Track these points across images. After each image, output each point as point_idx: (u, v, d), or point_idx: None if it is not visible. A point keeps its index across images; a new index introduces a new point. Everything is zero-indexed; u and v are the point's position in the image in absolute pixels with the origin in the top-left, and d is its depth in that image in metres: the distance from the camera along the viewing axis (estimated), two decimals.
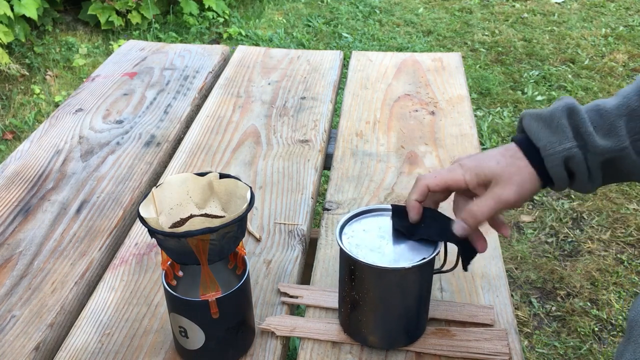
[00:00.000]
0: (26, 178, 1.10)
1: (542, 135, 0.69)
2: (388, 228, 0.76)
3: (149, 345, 0.78)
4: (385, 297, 0.72)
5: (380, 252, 0.72)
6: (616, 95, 0.71)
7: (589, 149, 0.68)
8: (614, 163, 0.69)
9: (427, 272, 0.74)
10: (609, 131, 0.68)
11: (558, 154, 0.68)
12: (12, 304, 0.84)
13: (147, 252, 0.94)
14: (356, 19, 3.97)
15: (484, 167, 0.70)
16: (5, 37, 3.06)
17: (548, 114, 0.70)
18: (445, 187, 0.72)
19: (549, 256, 2.06)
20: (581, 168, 0.69)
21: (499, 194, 0.69)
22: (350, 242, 0.73)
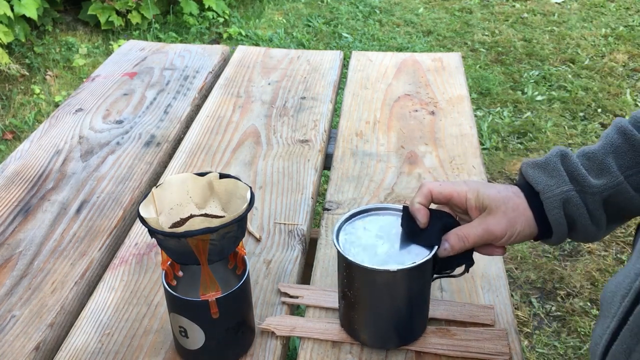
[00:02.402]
0: (26, 178, 1.10)
1: (539, 179, 0.70)
2: (390, 228, 0.75)
3: (149, 345, 0.78)
4: (373, 297, 0.72)
5: (373, 252, 0.72)
6: (599, 139, 0.73)
7: (587, 190, 0.69)
8: (615, 201, 0.70)
9: (419, 276, 0.73)
10: (600, 170, 0.69)
11: (556, 196, 0.69)
12: (12, 304, 0.84)
13: (147, 252, 0.94)
14: (356, 19, 3.97)
15: (486, 192, 0.71)
16: (5, 37, 3.06)
17: (543, 161, 0.71)
18: (448, 197, 0.73)
19: (549, 256, 2.06)
20: (581, 211, 0.69)
21: (488, 224, 0.70)
22: (347, 240, 0.73)
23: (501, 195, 0.70)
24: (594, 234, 0.72)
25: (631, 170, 0.69)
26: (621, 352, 0.51)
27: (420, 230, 0.73)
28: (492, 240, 0.71)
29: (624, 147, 0.69)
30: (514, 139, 2.68)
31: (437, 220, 0.73)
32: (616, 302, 0.54)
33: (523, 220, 0.70)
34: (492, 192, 0.71)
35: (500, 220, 0.69)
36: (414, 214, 0.73)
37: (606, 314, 0.56)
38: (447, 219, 0.74)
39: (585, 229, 0.70)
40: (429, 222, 0.73)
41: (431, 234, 0.72)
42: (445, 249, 0.71)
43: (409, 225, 0.74)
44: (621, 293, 0.53)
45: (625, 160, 0.69)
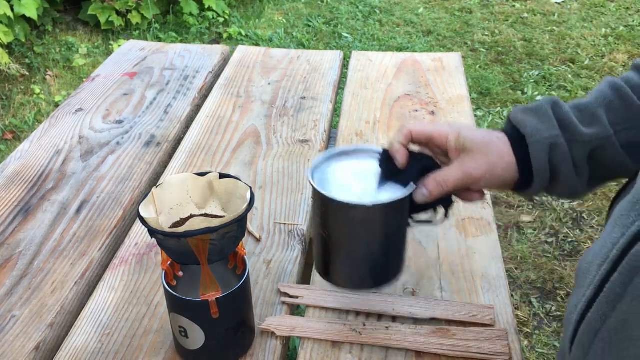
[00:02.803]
0: (26, 178, 1.10)
1: (529, 122, 0.69)
2: (367, 169, 0.73)
3: (149, 345, 0.78)
4: (349, 234, 0.70)
5: (349, 189, 0.70)
6: (590, 93, 0.72)
7: (575, 138, 0.68)
8: (600, 155, 0.69)
9: (396, 213, 0.70)
10: (591, 121, 0.68)
11: (544, 140, 0.67)
12: (12, 304, 0.84)
13: (147, 252, 0.94)
14: (356, 19, 3.97)
15: (468, 134, 0.69)
16: (5, 37, 3.06)
17: (534, 106, 0.70)
18: (429, 137, 0.71)
19: (549, 256, 2.06)
20: (566, 160, 0.68)
21: (467, 167, 0.68)
22: (323, 178, 0.71)
23: (483, 139, 0.69)
24: (574, 188, 0.71)
25: (621, 126, 0.68)
26: (597, 319, 0.51)
27: (398, 171, 0.71)
28: (471, 184, 0.69)
29: (616, 102, 0.68)
30: None
31: (416, 162, 0.71)
32: (592, 272, 0.54)
33: (504, 166, 0.69)
34: (474, 134, 0.69)
35: (480, 163, 0.68)
36: (393, 155, 0.71)
37: (582, 283, 0.56)
38: (426, 161, 0.72)
39: (567, 181, 0.69)
40: (408, 163, 0.71)
41: (409, 175, 0.71)
42: (423, 195, 0.69)
43: (387, 165, 0.72)
44: (597, 262, 0.53)
45: (616, 115, 0.68)
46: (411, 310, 0.82)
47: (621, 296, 0.49)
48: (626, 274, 0.49)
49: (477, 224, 0.99)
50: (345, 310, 0.83)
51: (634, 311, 0.48)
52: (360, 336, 0.78)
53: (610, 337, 0.50)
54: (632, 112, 0.68)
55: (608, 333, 0.50)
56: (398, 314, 0.82)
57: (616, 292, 0.50)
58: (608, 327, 0.51)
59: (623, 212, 0.53)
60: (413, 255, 0.92)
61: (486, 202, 1.04)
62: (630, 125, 0.68)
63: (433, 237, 0.96)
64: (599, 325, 0.51)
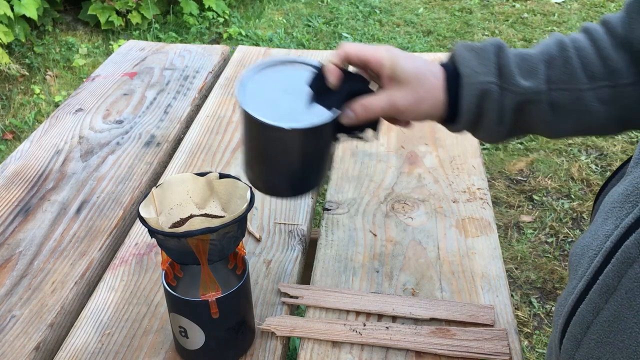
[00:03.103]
0: (26, 178, 1.10)
1: (470, 63, 0.68)
2: (299, 84, 0.70)
3: (149, 345, 0.78)
4: (266, 151, 0.69)
5: (275, 105, 0.68)
6: (536, 46, 0.71)
7: (509, 88, 0.68)
8: (527, 110, 0.69)
9: (316, 137, 0.69)
10: (529, 73, 0.68)
11: (478, 84, 0.67)
12: (12, 304, 0.84)
13: (147, 252, 0.94)
14: (356, 19, 3.97)
15: (402, 63, 0.68)
16: (5, 37, 3.06)
17: (480, 46, 0.69)
18: (365, 61, 0.69)
19: (549, 256, 2.06)
20: (493, 107, 0.68)
21: (395, 98, 0.68)
22: (252, 90, 0.69)
23: (417, 72, 0.68)
24: (494, 135, 0.71)
25: (555, 85, 0.69)
26: (589, 311, 0.51)
27: (328, 91, 0.69)
28: (396, 114, 0.69)
29: (558, 61, 0.69)
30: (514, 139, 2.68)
31: (349, 84, 0.69)
32: (584, 264, 0.54)
33: (432, 102, 0.68)
34: (409, 65, 0.68)
35: (408, 96, 0.68)
36: (326, 74, 0.69)
37: (573, 275, 0.56)
38: (359, 84, 0.70)
39: (489, 127, 0.70)
40: (340, 84, 0.69)
41: (339, 96, 0.69)
42: (349, 117, 0.69)
43: (318, 84, 0.69)
44: (589, 254, 0.53)
45: (554, 73, 0.68)
46: (411, 310, 0.82)
47: (614, 288, 0.49)
48: (620, 265, 0.49)
49: (477, 224, 0.99)
50: (345, 310, 0.83)
51: (628, 304, 0.48)
52: (360, 336, 0.78)
53: (603, 330, 0.50)
54: (569, 74, 0.68)
55: (601, 325, 0.50)
56: (398, 314, 0.82)
57: (609, 284, 0.50)
58: (601, 319, 0.51)
59: (615, 204, 0.53)
60: (413, 255, 0.92)
61: (486, 202, 1.04)
62: (564, 87, 0.69)
63: (433, 237, 0.96)
64: (592, 318, 0.51)
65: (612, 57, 0.68)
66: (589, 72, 0.69)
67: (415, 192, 1.06)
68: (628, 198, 0.52)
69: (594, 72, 0.69)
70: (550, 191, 2.36)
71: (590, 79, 0.69)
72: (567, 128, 0.72)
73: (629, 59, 0.68)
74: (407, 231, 0.97)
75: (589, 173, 2.44)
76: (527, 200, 2.31)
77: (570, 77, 0.69)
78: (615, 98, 0.69)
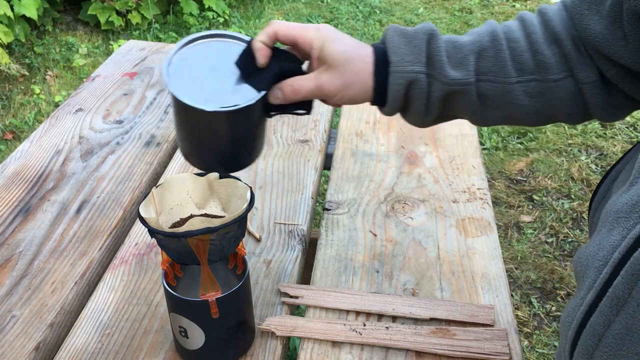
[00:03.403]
0: (26, 178, 1.10)
1: (399, 50, 0.68)
2: (229, 60, 0.69)
3: (149, 345, 0.78)
4: (192, 131, 0.68)
5: (200, 84, 0.66)
6: (470, 34, 0.71)
7: (438, 78, 0.68)
8: (455, 99, 0.69)
9: (243, 118, 0.67)
10: (459, 63, 0.68)
11: (406, 73, 0.67)
12: (12, 304, 0.84)
13: (147, 252, 0.94)
14: (356, 19, 3.97)
15: (332, 46, 0.67)
16: (5, 37, 3.06)
17: (412, 33, 0.69)
18: (294, 41, 0.68)
19: (549, 256, 2.06)
20: (421, 96, 0.68)
21: (322, 81, 0.67)
22: (179, 66, 0.67)
23: (345, 56, 0.67)
24: (422, 120, 0.72)
25: (484, 76, 0.69)
26: (600, 323, 0.51)
27: (257, 70, 0.68)
28: (324, 97, 0.69)
29: (489, 52, 0.68)
30: (514, 139, 2.68)
31: (278, 62, 0.68)
32: (590, 275, 0.53)
33: (359, 87, 0.68)
34: (338, 48, 0.67)
35: (335, 80, 0.67)
36: (254, 52, 0.68)
37: (580, 286, 0.56)
38: (288, 63, 0.69)
39: (417, 113, 0.70)
40: (269, 63, 0.68)
41: (267, 76, 0.67)
42: (277, 97, 0.68)
43: (246, 62, 0.68)
44: (595, 265, 0.53)
45: (484, 65, 0.68)
46: (411, 310, 0.82)
47: (625, 301, 0.49)
48: (629, 277, 0.48)
49: (477, 224, 0.99)
50: (345, 310, 0.83)
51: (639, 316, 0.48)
52: (360, 336, 0.78)
53: (615, 342, 0.50)
54: (499, 66, 0.68)
55: (613, 338, 0.50)
56: (398, 314, 0.82)
57: (619, 297, 0.49)
58: (612, 332, 0.50)
59: (620, 214, 0.52)
60: (413, 255, 0.92)
61: (486, 202, 1.04)
62: (493, 78, 0.69)
63: (433, 237, 0.96)
64: (603, 330, 0.51)
65: (544, 52, 0.68)
66: (518, 65, 0.69)
67: (415, 192, 1.06)
68: (634, 208, 0.51)
69: (523, 65, 0.69)
70: (550, 191, 2.36)
71: (519, 72, 0.69)
72: (493, 117, 0.72)
73: (560, 55, 0.68)
74: (407, 231, 0.97)
75: (589, 173, 2.44)
76: (527, 200, 2.31)
77: (500, 69, 0.69)
78: (543, 92, 0.70)
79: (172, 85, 0.65)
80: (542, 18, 0.70)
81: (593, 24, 0.64)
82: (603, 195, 0.67)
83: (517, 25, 0.71)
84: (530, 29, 0.69)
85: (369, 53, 0.68)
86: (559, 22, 0.69)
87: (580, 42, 0.67)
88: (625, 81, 0.67)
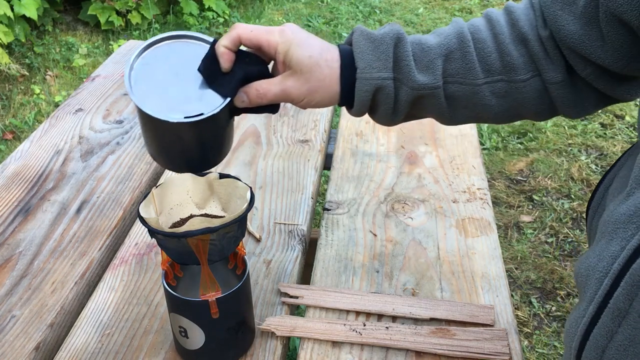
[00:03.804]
0: (26, 178, 1.10)
1: (366, 56, 0.67)
2: (192, 64, 0.67)
3: (149, 345, 0.78)
4: (158, 137, 0.68)
5: (164, 91, 0.65)
6: (437, 34, 0.70)
7: (405, 83, 0.68)
8: (422, 102, 0.70)
9: (209, 125, 0.67)
10: (427, 67, 0.68)
11: (373, 80, 0.67)
12: (12, 304, 0.84)
13: (147, 252, 0.94)
14: (356, 19, 3.97)
15: (296, 52, 0.66)
16: (5, 37, 3.06)
17: (379, 37, 0.68)
18: (258, 45, 0.67)
19: (549, 256, 2.06)
20: (388, 100, 0.68)
21: (288, 87, 0.67)
22: (142, 71, 0.66)
23: (311, 61, 0.66)
24: (388, 121, 0.72)
25: (452, 78, 0.69)
26: (603, 335, 0.51)
27: (221, 74, 0.67)
28: (290, 101, 0.69)
29: (456, 54, 0.68)
30: (514, 139, 2.68)
31: (243, 66, 0.67)
32: (592, 286, 0.53)
33: (325, 92, 0.68)
34: (303, 53, 0.66)
35: (301, 86, 0.67)
36: (218, 57, 0.66)
37: (581, 297, 0.56)
38: (253, 66, 0.68)
39: (384, 115, 0.71)
40: (234, 67, 0.67)
41: (232, 80, 0.66)
42: (242, 101, 0.68)
43: (210, 66, 0.67)
44: (596, 276, 0.53)
45: (452, 67, 0.68)
46: (411, 310, 0.82)
47: (626, 312, 0.48)
48: (629, 289, 0.48)
49: (477, 224, 0.99)
50: (345, 310, 0.83)
51: None
52: (360, 336, 0.78)
53: (619, 353, 0.50)
54: (466, 68, 0.69)
55: (616, 349, 0.50)
56: (398, 314, 0.82)
57: (621, 308, 0.49)
58: (616, 343, 0.50)
59: (619, 224, 0.52)
60: (413, 255, 0.92)
61: (486, 202, 1.04)
62: (461, 80, 0.69)
63: (433, 237, 0.96)
64: (606, 342, 0.50)
65: (511, 53, 0.68)
66: (486, 66, 0.69)
67: (415, 192, 1.06)
68: (631, 219, 0.51)
69: (491, 67, 0.69)
70: (550, 191, 2.36)
71: (487, 73, 0.69)
72: (461, 117, 0.73)
73: (527, 55, 0.68)
74: (407, 231, 0.97)
75: (589, 173, 2.44)
76: (527, 200, 2.31)
77: (468, 71, 0.69)
78: (510, 92, 0.70)
79: (135, 95, 0.64)
80: (509, 17, 0.70)
81: (568, 25, 0.64)
82: (599, 202, 0.67)
83: (484, 24, 0.70)
84: (497, 29, 0.69)
85: (336, 57, 0.68)
86: (526, 22, 0.68)
87: (550, 41, 0.67)
88: (601, 80, 0.67)
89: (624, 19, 0.57)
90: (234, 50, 0.67)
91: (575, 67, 0.67)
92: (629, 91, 0.68)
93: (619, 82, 0.67)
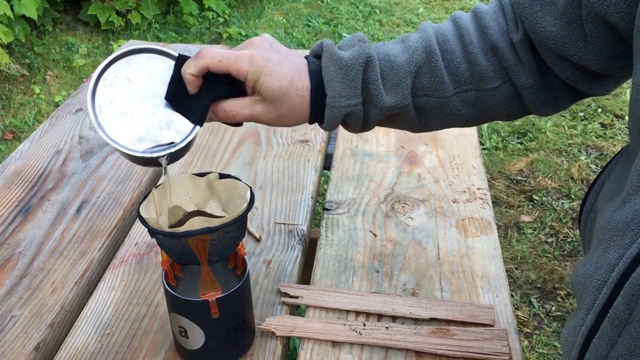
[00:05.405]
0: (26, 178, 1.10)
1: (335, 84, 0.67)
2: (158, 84, 0.66)
3: (149, 345, 0.78)
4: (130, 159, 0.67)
5: (131, 119, 0.64)
6: (405, 48, 0.70)
7: (374, 103, 0.69)
8: (392, 118, 0.71)
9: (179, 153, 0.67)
10: (396, 86, 0.69)
11: (342, 108, 0.68)
12: (12, 304, 0.84)
13: (147, 252, 0.94)
14: (356, 19, 3.97)
15: (266, 82, 0.66)
16: (5, 37, 3.06)
17: (348, 62, 0.67)
18: (227, 72, 0.66)
19: (549, 256, 2.06)
20: (357, 121, 0.70)
21: (257, 112, 0.67)
22: (106, 95, 0.64)
23: (281, 92, 0.66)
24: (360, 132, 0.74)
25: (422, 91, 0.70)
26: (603, 345, 0.50)
27: (189, 97, 0.65)
28: (259, 123, 0.70)
29: (425, 68, 0.69)
30: (514, 139, 2.68)
31: (211, 90, 0.66)
32: (590, 294, 0.53)
33: (294, 118, 0.69)
34: (274, 83, 0.66)
35: (270, 113, 0.68)
36: (185, 82, 0.65)
37: (579, 306, 0.55)
38: (222, 88, 0.66)
39: (355, 129, 0.73)
40: (201, 89, 0.66)
41: (200, 105, 0.65)
42: (212, 120, 0.68)
43: (177, 89, 0.65)
44: (594, 285, 0.52)
45: (421, 82, 0.69)
46: (411, 310, 0.82)
47: (626, 321, 0.48)
48: (629, 298, 0.48)
49: (477, 224, 0.99)
50: (345, 310, 0.83)
51: None
52: (360, 336, 0.78)
53: None
54: (436, 82, 0.69)
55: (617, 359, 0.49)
56: (398, 314, 0.82)
57: (621, 317, 0.48)
58: (616, 352, 0.49)
59: (615, 232, 0.51)
60: (413, 255, 0.92)
61: (486, 202, 1.04)
62: (430, 93, 0.70)
63: (433, 237, 0.96)
64: (606, 352, 0.50)
65: (480, 63, 0.68)
66: (455, 77, 0.69)
67: (415, 192, 1.06)
68: (629, 226, 0.50)
69: (460, 78, 0.69)
70: (550, 191, 2.36)
71: (456, 84, 0.70)
72: (432, 126, 0.74)
73: (497, 64, 0.69)
74: (407, 231, 0.97)
75: (589, 173, 2.44)
76: (527, 200, 2.31)
77: (437, 85, 0.69)
78: (481, 100, 0.71)
79: (103, 127, 0.62)
80: (478, 24, 0.70)
81: (548, 26, 0.64)
82: (590, 207, 0.67)
83: (452, 33, 0.70)
84: (465, 38, 0.69)
85: (306, 84, 0.68)
86: (496, 29, 0.68)
87: (523, 46, 0.67)
88: (581, 80, 0.67)
89: (610, 21, 0.57)
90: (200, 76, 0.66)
91: (554, 69, 0.67)
92: (605, 87, 0.68)
93: (598, 80, 0.67)
